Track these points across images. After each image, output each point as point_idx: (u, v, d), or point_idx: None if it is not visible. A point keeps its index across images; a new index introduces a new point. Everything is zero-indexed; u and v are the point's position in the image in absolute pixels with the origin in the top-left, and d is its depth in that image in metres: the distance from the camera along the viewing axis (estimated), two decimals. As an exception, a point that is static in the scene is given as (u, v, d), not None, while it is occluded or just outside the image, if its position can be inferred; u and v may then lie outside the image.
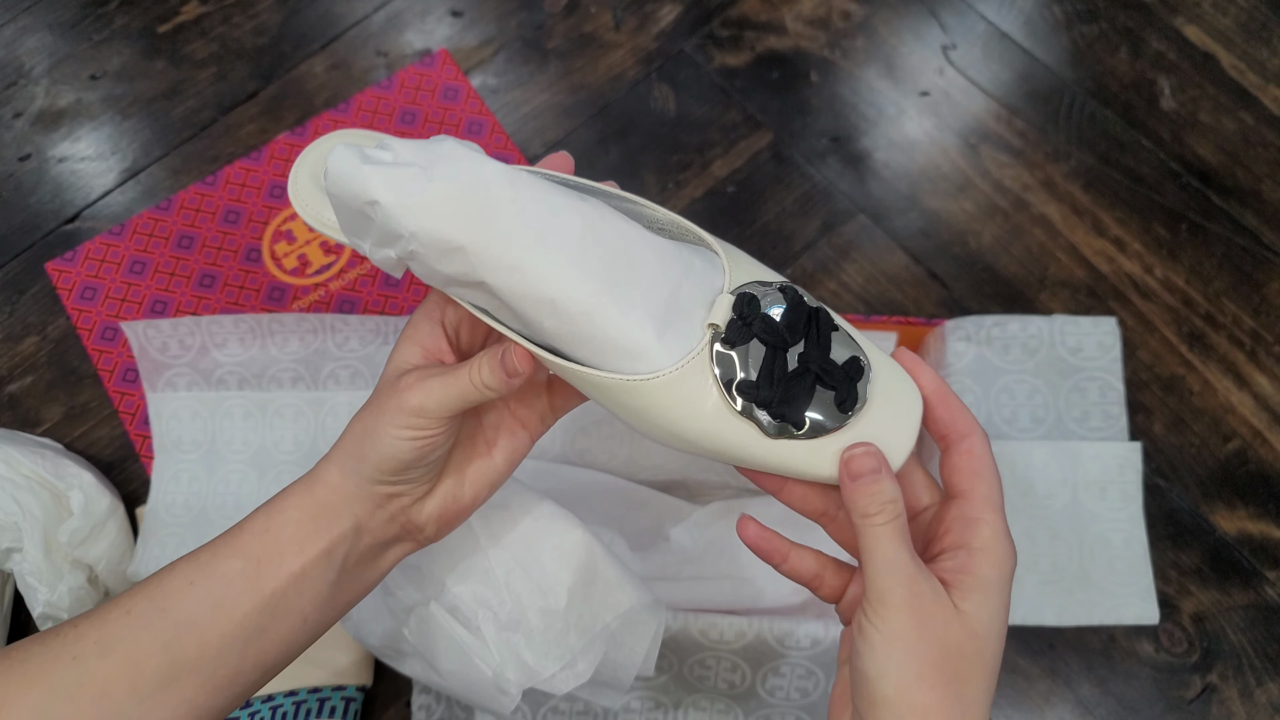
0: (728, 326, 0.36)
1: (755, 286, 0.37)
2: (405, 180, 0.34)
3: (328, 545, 0.38)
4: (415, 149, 0.35)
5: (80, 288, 0.68)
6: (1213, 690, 0.64)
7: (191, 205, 0.70)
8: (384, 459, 0.38)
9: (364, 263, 0.68)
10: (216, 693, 0.36)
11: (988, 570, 0.35)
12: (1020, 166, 0.77)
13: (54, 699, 0.34)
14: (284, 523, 0.38)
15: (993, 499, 0.36)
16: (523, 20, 0.82)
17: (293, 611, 0.38)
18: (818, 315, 0.37)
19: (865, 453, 0.35)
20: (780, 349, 0.36)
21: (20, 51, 0.82)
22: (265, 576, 0.37)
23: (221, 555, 0.37)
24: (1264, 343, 0.71)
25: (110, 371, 0.66)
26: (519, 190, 0.35)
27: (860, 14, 0.82)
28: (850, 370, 0.36)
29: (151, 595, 0.37)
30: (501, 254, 0.34)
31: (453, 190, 0.34)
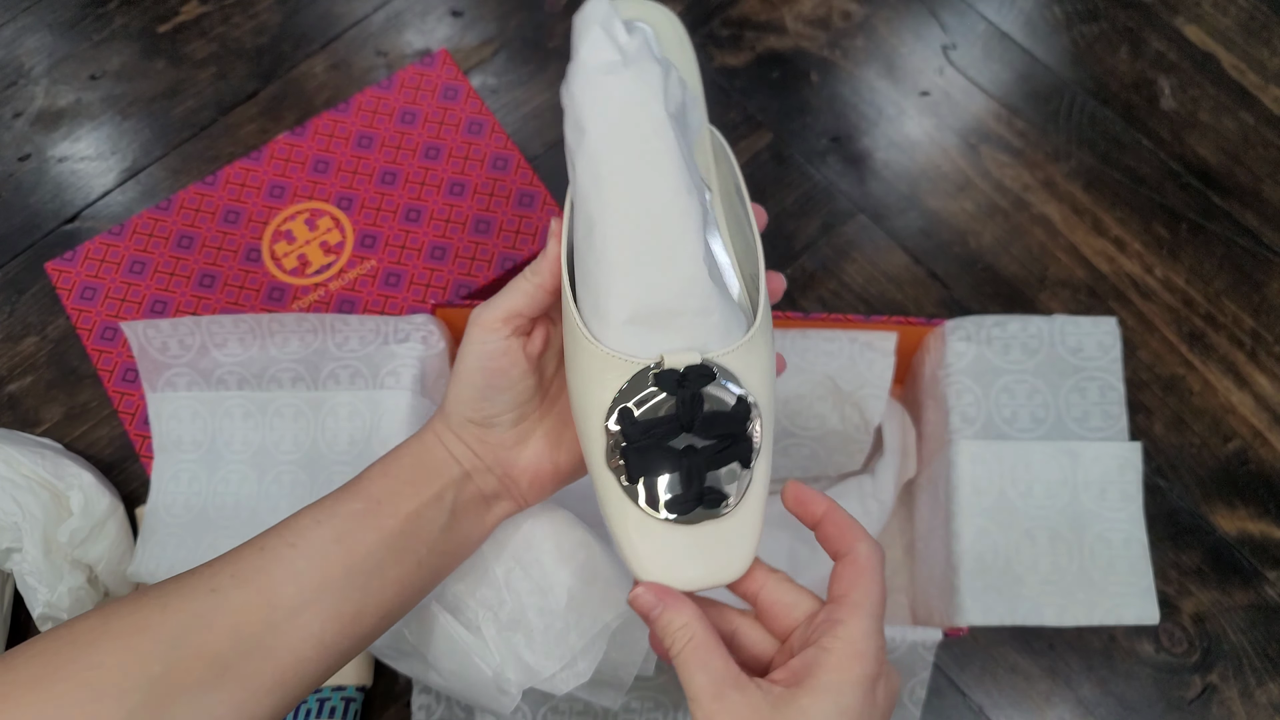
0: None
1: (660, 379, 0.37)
2: (602, 59, 0.37)
3: (439, 488, 0.41)
4: (637, 51, 0.37)
5: (80, 288, 0.68)
6: (1213, 690, 0.64)
7: (191, 205, 0.70)
8: (462, 381, 0.41)
9: (364, 262, 0.68)
10: (342, 630, 0.39)
11: (830, 673, 0.34)
12: (1020, 166, 0.77)
13: (193, 626, 0.36)
14: (400, 468, 0.42)
15: (864, 604, 0.36)
16: (523, 20, 0.82)
17: (409, 551, 0.40)
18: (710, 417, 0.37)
19: (639, 596, 0.36)
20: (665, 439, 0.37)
21: (20, 51, 0.82)
22: (384, 515, 0.40)
23: (344, 499, 0.41)
24: (1264, 343, 0.71)
25: (110, 371, 0.66)
26: (659, 153, 0.36)
27: (860, 14, 0.82)
28: (705, 493, 0.36)
29: (281, 534, 0.40)
30: (597, 163, 0.37)
31: (616, 97, 0.37)
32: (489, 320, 0.41)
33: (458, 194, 0.70)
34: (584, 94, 0.37)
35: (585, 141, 0.37)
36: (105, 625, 0.36)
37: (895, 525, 0.65)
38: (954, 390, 0.59)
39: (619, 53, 0.37)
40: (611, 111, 0.36)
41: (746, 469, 0.37)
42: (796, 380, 0.61)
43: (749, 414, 0.37)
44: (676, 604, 0.36)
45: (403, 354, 0.60)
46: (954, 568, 0.55)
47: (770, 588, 0.38)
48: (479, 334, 0.41)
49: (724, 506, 0.36)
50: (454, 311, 0.63)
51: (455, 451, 0.42)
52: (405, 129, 0.72)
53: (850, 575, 0.37)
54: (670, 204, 0.36)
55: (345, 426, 0.60)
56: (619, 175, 0.36)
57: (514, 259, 0.68)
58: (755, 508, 0.37)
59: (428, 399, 0.60)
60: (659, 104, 0.36)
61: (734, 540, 0.37)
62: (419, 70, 0.73)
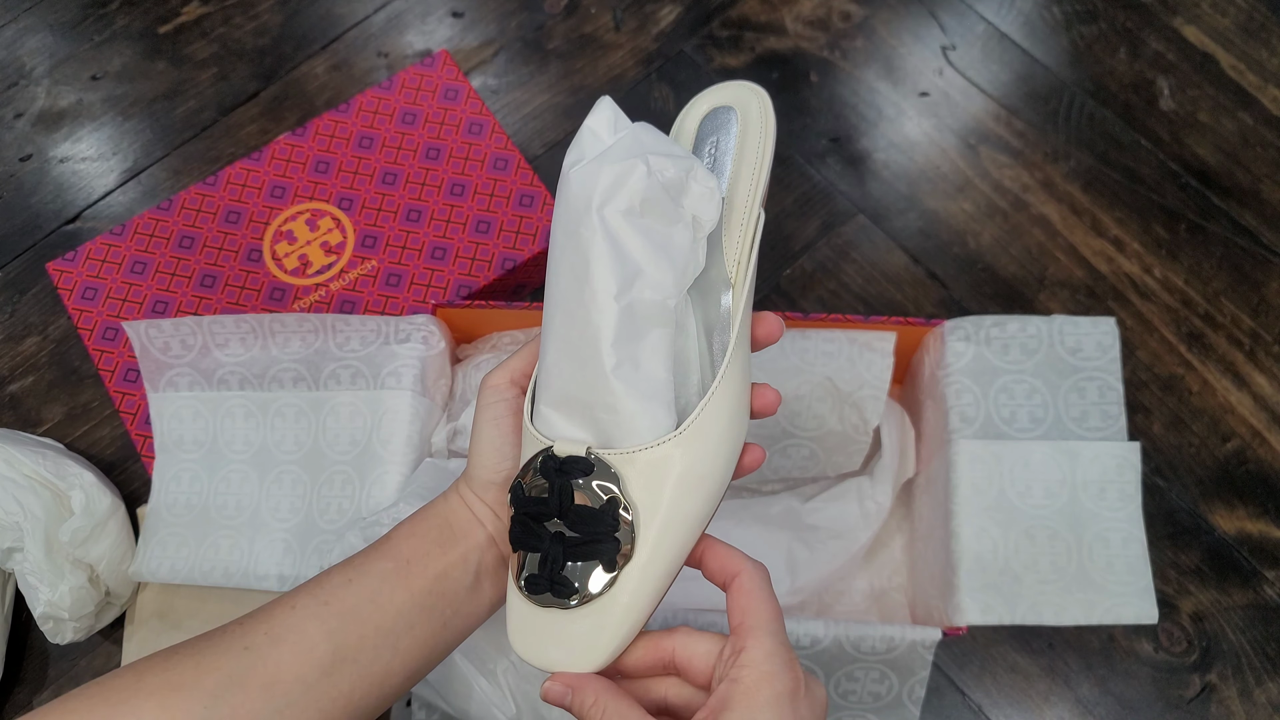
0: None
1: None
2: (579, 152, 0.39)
3: (465, 550, 0.42)
4: (622, 145, 0.38)
5: (81, 288, 0.68)
6: (1212, 690, 0.64)
7: (192, 205, 0.70)
8: (480, 442, 0.42)
9: (364, 263, 0.68)
10: (369, 691, 0.39)
11: (741, 701, 0.34)
12: (1019, 167, 0.77)
13: (228, 685, 0.36)
14: (428, 528, 0.42)
15: (759, 626, 0.36)
16: (523, 21, 0.83)
17: (436, 612, 0.41)
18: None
19: (548, 690, 0.38)
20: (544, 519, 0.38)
21: (21, 52, 0.83)
22: (414, 575, 0.40)
23: (373, 558, 0.41)
24: (1263, 342, 0.72)
25: (111, 371, 0.66)
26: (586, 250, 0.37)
27: (860, 15, 0.82)
28: (555, 580, 0.37)
29: (314, 592, 0.40)
30: (554, 243, 0.39)
31: (566, 191, 0.38)
32: (496, 381, 0.42)
33: (458, 195, 0.70)
34: (560, 184, 0.39)
35: (552, 227, 0.39)
36: (139, 683, 0.36)
37: (894, 525, 0.65)
38: (953, 390, 0.59)
39: (597, 147, 0.38)
40: (566, 203, 0.38)
41: (610, 571, 0.37)
42: (796, 380, 0.61)
43: (615, 517, 0.37)
44: (582, 685, 0.37)
45: (404, 354, 0.60)
46: (953, 567, 0.56)
47: (680, 645, 0.38)
48: (488, 395, 0.42)
49: (572, 599, 0.37)
50: (455, 312, 0.63)
51: (479, 514, 0.42)
52: (406, 130, 0.72)
53: (741, 602, 0.37)
54: (590, 305, 0.37)
55: (346, 426, 0.60)
56: (559, 265, 0.38)
57: (514, 259, 0.68)
58: (621, 613, 0.37)
59: (428, 399, 0.60)
60: (602, 201, 0.37)
61: (592, 635, 0.37)
62: (420, 71, 0.73)
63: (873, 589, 0.65)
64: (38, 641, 0.65)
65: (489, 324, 0.65)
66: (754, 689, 0.34)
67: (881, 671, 0.57)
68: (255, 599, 0.63)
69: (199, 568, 0.60)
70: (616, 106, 0.39)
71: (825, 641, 0.55)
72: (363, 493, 0.58)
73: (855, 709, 0.59)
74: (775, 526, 0.63)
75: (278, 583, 0.59)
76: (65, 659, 0.65)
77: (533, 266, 0.70)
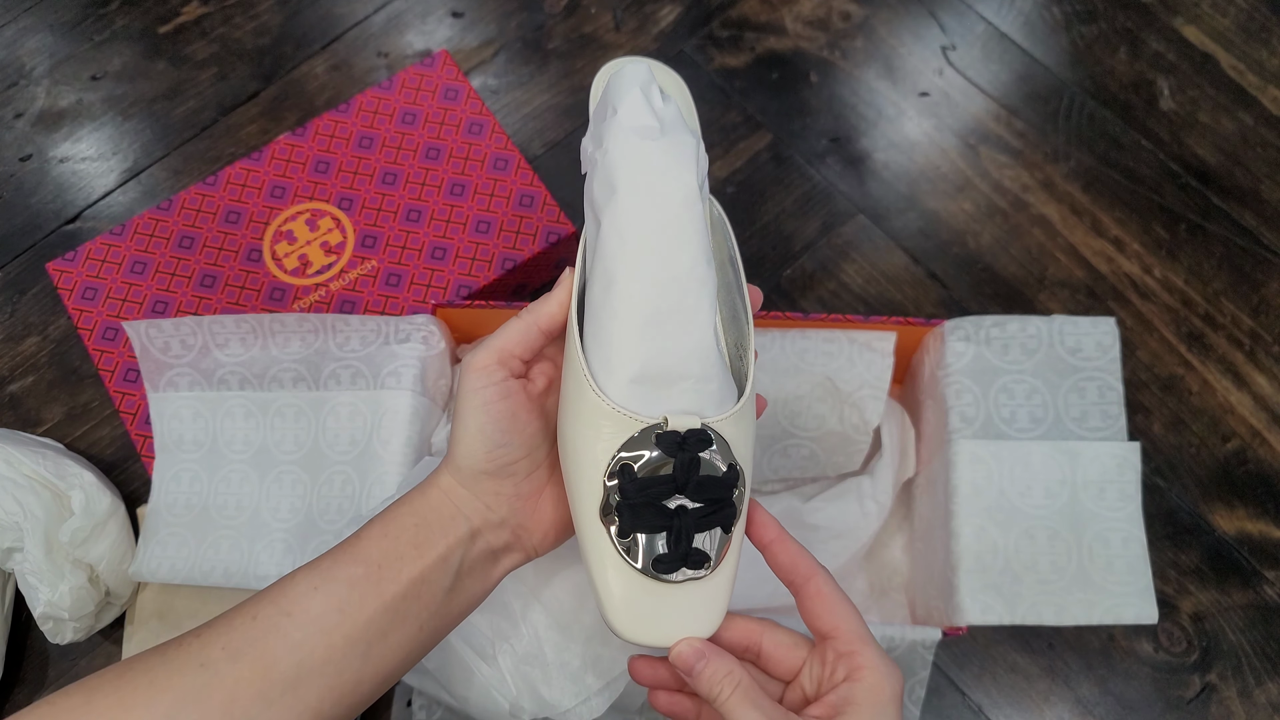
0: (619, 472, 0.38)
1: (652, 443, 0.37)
2: (641, 123, 0.38)
3: (444, 550, 0.39)
4: (672, 120, 0.39)
5: (81, 288, 0.68)
6: (1212, 690, 0.64)
7: (192, 205, 0.70)
8: (468, 431, 0.39)
9: (364, 263, 0.68)
10: (339, 701, 0.37)
11: (867, 699, 0.37)
12: (1019, 167, 0.77)
13: (182, 705, 0.34)
14: (401, 528, 0.39)
15: (858, 631, 0.38)
16: (523, 21, 0.83)
17: (411, 617, 0.39)
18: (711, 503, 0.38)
19: (681, 653, 0.37)
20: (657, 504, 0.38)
21: (21, 52, 0.83)
22: (386, 581, 0.38)
23: (342, 562, 0.38)
24: (1263, 343, 0.72)
25: (111, 371, 0.66)
26: (685, 222, 0.38)
27: (860, 15, 0.82)
28: (690, 554, 0.37)
29: (276, 600, 0.37)
30: (625, 224, 0.38)
31: (653, 163, 0.38)
32: (483, 362, 0.39)
33: (458, 195, 0.70)
34: (620, 154, 0.38)
35: (615, 201, 0.38)
36: (89, 704, 0.34)
37: (894, 525, 0.65)
38: (953, 390, 0.59)
39: (656, 119, 0.38)
40: (646, 176, 0.37)
41: (727, 534, 0.38)
42: (795, 380, 0.61)
43: (737, 481, 0.38)
44: (718, 655, 0.37)
45: (404, 354, 0.60)
46: (953, 567, 0.56)
47: (769, 636, 0.40)
48: (476, 379, 0.39)
49: (706, 567, 0.37)
50: (455, 312, 0.63)
51: (464, 507, 0.40)
52: (406, 130, 0.72)
53: (828, 607, 0.39)
54: (690, 273, 0.37)
55: (346, 426, 0.60)
56: (646, 239, 0.37)
57: (514, 259, 0.68)
58: (730, 572, 0.39)
59: (428, 399, 0.60)
60: (691, 174, 0.38)
61: (709, 601, 0.38)
62: (420, 71, 0.73)
63: (873, 589, 0.65)
64: (38, 641, 0.65)
65: (489, 324, 0.65)
66: (877, 689, 0.37)
67: (881, 671, 0.57)
68: (255, 599, 0.63)
69: (199, 568, 0.60)
70: (652, 70, 0.39)
71: (825, 641, 0.55)
72: (363, 493, 0.58)
73: (855, 709, 0.59)
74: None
75: (278, 583, 0.59)
76: (65, 659, 0.65)
77: (532, 266, 0.70)
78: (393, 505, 0.41)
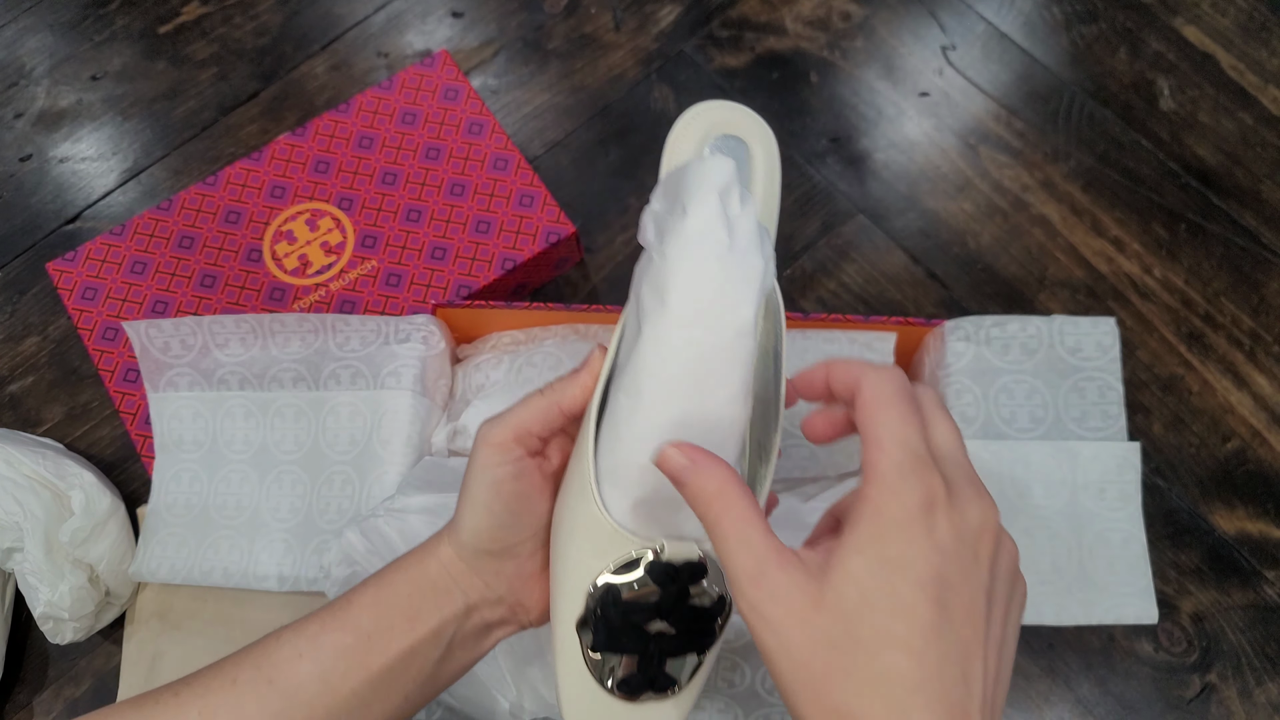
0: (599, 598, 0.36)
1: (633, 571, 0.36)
2: (711, 235, 0.34)
3: (438, 625, 0.38)
4: (746, 236, 0.34)
5: (81, 288, 0.68)
6: (1212, 690, 0.64)
7: (192, 205, 0.70)
8: (477, 509, 0.37)
9: (364, 263, 0.68)
10: None
11: (865, 524, 0.29)
12: (1019, 167, 0.77)
13: None
14: (395, 596, 0.38)
15: (883, 438, 0.30)
16: (523, 21, 0.83)
17: (396, 689, 0.37)
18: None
19: (669, 456, 0.33)
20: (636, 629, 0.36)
21: (21, 52, 0.83)
22: (374, 652, 0.37)
23: (331, 629, 0.37)
24: (1263, 343, 0.72)
25: (111, 371, 0.66)
26: (732, 356, 0.34)
27: (860, 15, 0.82)
28: (657, 677, 0.36)
29: (258, 664, 0.36)
30: (667, 344, 0.34)
31: (713, 287, 0.34)
32: (500, 439, 0.37)
33: (458, 195, 0.70)
34: (679, 266, 0.34)
35: (664, 315, 0.34)
36: None
37: (895, 525, 0.65)
38: (953, 390, 0.59)
39: (728, 233, 0.34)
40: (701, 300, 0.34)
41: (700, 656, 0.37)
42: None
43: (723, 611, 0.36)
44: (710, 465, 0.32)
45: (404, 354, 0.60)
46: (953, 567, 0.56)
47: (834, 370, 0.34)
48: (491, 455, 0.37)
49: (671, 691, 0.36)
50: (455, 312, 0.63)
51: (462, 582, 0.38)
52: (406, 130, 0.72)
53: (862, 416, 0.31)
54: (723, 410, 0.34)
55: (346, 426, 0.60)
56: (686, 367, 0.34)
57: (514, 259, 0.68)
58: (696, 691, 0.38)
59: (428, 399, 0.60)
60: (751, 306, 0.34)
61: (670, 712, 0.37)
62: (419, 71, 0.73)
63: (873, 589, 0.65)
64: (37, 642, 0.65)
65: (489, 324, 0.65)
66: (879, 510, 0.29)
67: (881, 671, 0.57)
68: (255, 599, 0.63)
69: (199, 568, 0.60)
70: (736, 172, 0.35)
71: (825, 641, 0.55)
72: (362, 493, 0.58)
73: (855, 709, 0.59)
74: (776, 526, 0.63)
75: (277, 583, 0.59)
76: (65, 659, 0.65)
77: (532, 266, 0.70)
78: (388, 569, 0.39)
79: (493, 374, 0.62)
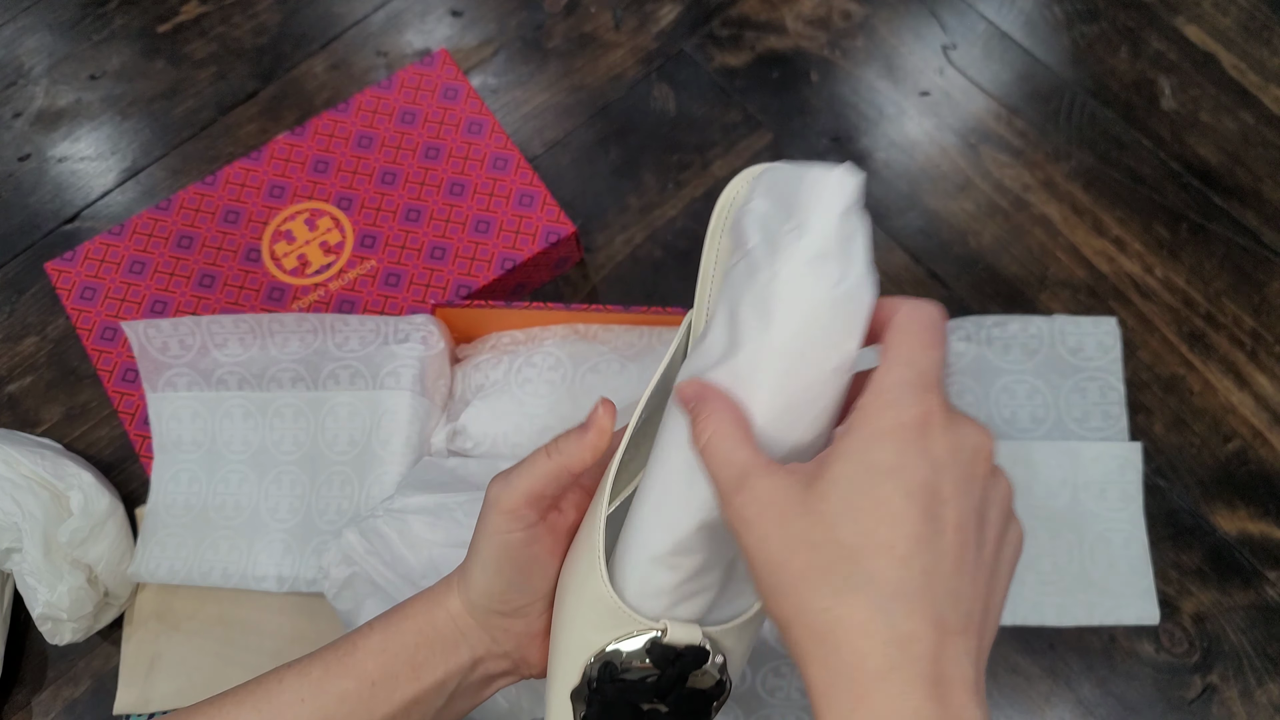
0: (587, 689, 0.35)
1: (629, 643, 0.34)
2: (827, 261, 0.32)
3: (443, 676, 0.37)
4: (860, 264, 0.32)
5: (80, 288, 0.68)
6: (1213, 690, 0.64)
7: (191, 205, 0.70)
8: (489, 572, 0.37)
9: (363, 263, 0.68)
10: None
11: (856, 429, 0.29)
12: (1020, 166, 0.77)
13: None
14: (402, 646, 0.38)
15: (896, 354, 0.30)
16: (523, 20, 0.82)
17: None
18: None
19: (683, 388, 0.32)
20: None
21: (20, 51, 0.82)
22: (378, 701, 0.36)
23: (335, 674, 0.37)
24: (1264, 343, 0.71)
25: (110, 371, 0.66)
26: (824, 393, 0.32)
27: (860, 14, 0.82)
28: None
29: (259, 708, 0.36)
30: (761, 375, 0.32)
31: (822, 319, 0.31)
32: (511, 506, 0.36)
33: (458, 194, 0.70)
34: (794, 290, 0.31)
35: (767, 340, 0.31)
36: None
37: (895, 525, 0.65)
38: (954, 390, 0.59)
39: (846, 261, 0.32)
40: (813, 331, 0.31)
41: None
42: (796, 380, 0.61)
43: (722, 694, 0.35)
44: (712, 397, 0.31)
45: (403, 354, 0.60)
46: (954, 568, 0.55)
47: None
48: (502, 522, 0.36)
49: None
50: (454, 311, 0.63)
51: (470, 636, 0.38)
52: (405, 129, 0.72)
53: (886, 341, 0.31)
54: (802, 438, 0.32)
55: (345, 426, 0.60)
56: (779, 394, 0.31)
57: (514, 259, 0.68)
58: None
59: (427, 399, 0.60)
60: (856, 341, 0.31)
61: None
62: (419, 70, 0.73)
63: (873, 590, 0.65)
64: (36, 642, 0.65)
65: (489, 324, 0.65)
66: (872, 417, 0.29)
67: (882, 672, 0.57)
68: (254, 600, 0.63)
69: (198, 568, 0.60)
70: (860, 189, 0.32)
71: (826, 642, 0.55)
72: (362, 493, 0.58)
73: (856, 710, 0.58)
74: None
75: (276, 583, 0.59)
76: (64, 660, 0.65)
77: (532, 266, 0.70)
78: (396, 614, 0.39)
79: (492, 374, 0.61)
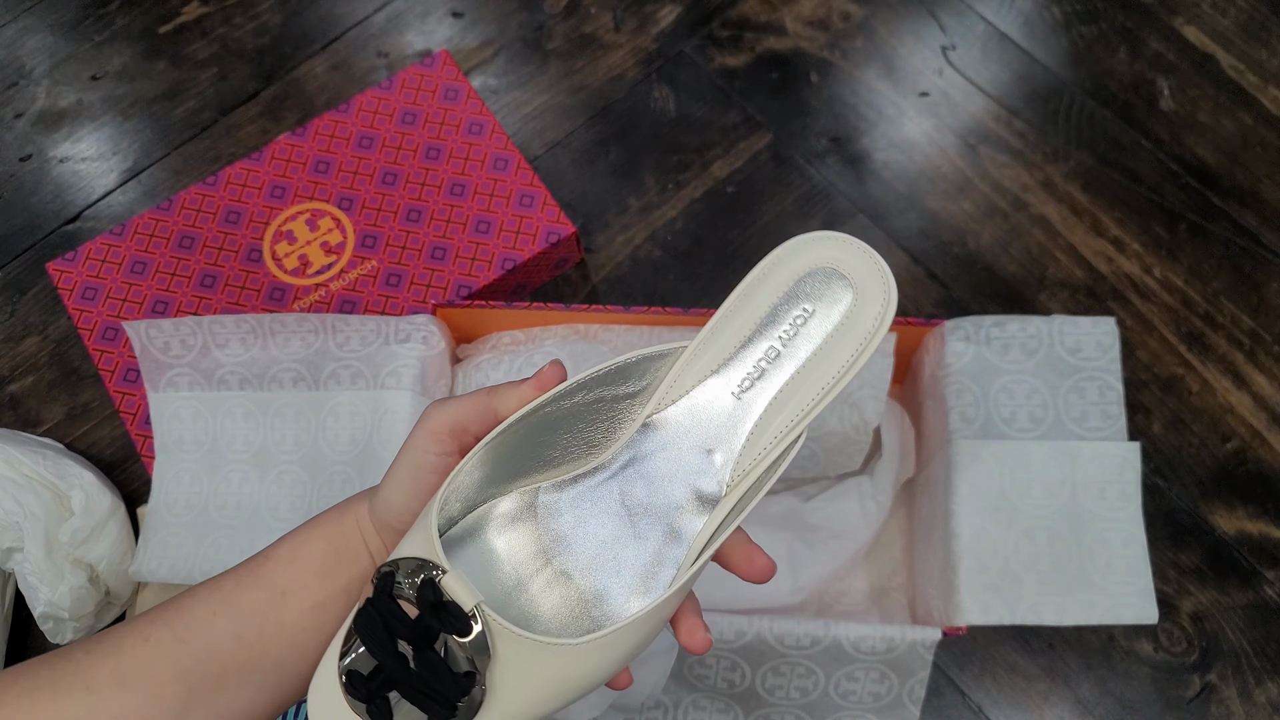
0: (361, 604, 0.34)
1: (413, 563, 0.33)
2: None
3: (347, 581, 0.38)
4: None
5: (81, 288, 0.68)
6: (1212, 689, 0.64)
7: (192, 205, 0.70)
8: (395, 483, 0.37)
9: (364, 263, 0.68)
10: None
11: None
12: (1019, 167, 0.77)
13: None
14: (310, 555, 0.38)
15: None
16: (523, 21, 0.83)
17: (310, 646, 0.37)
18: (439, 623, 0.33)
19: None
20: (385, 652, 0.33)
21: (21, 52, 0.83)
22: (289, 608, 0.37)
23: (246, 585, 0.37)
24: (1263, 343, 0.72)
25: (111, 371, 0.66)
26: None
27: (860, 15, 0.82)
28: (443, 688, 0.32)
29: (171, 624, 0.36)
30: None
31: None
32: (436, 427, 0.36)
33: (458, 195, 0.70)
34: None
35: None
36: None
37: (894, 525, 0.65)
38: (953, 390, 0.59)
39: None
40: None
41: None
42: (796, 380, 0.61)
43: (464, 693, 0.32)
44: None
45: (404, 354, 0.60)
46: (953, 567, 0.56)
47: None
48: (423, 440, 0.36)
49: None
50: (454, 312, 0.63)
51: (371, 545, 0.38)
52: (406, 130, 0.72)
53: None
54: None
55: (346, 426, 0.60)
56: None
57: (514, 259, 0.68)
58: None
59: (428, 399, 0.61)
60: None
61: None
62: (420, 71, 0.73)
63: (873, 589, 0.65)
64: (38, 641, 0.65)
65: (489, 324, 0.65)
66: None
67: (882, 671, 0.57)
68: (255, 599, 0.63)
69: (199, 567, 0.60)
70: None
71: (825, 641, 0.55)
72: (363, 493, 0.58)
73: (855, 709, 0.59)
74: (776, 526, 0.63)
75: (278, 583, 0.59)
76: (65, 659, 0.65)
77: (532, 266, 0.70)
78: (307, 525, 0.39)
79: (493, 374, 0.62)
